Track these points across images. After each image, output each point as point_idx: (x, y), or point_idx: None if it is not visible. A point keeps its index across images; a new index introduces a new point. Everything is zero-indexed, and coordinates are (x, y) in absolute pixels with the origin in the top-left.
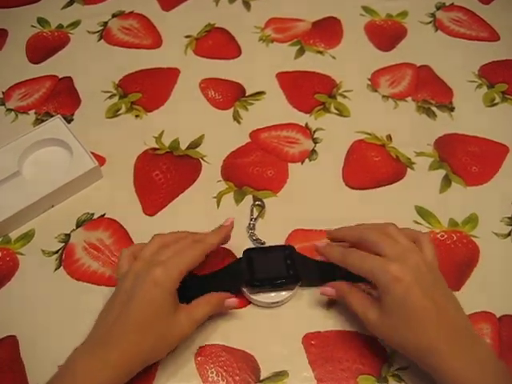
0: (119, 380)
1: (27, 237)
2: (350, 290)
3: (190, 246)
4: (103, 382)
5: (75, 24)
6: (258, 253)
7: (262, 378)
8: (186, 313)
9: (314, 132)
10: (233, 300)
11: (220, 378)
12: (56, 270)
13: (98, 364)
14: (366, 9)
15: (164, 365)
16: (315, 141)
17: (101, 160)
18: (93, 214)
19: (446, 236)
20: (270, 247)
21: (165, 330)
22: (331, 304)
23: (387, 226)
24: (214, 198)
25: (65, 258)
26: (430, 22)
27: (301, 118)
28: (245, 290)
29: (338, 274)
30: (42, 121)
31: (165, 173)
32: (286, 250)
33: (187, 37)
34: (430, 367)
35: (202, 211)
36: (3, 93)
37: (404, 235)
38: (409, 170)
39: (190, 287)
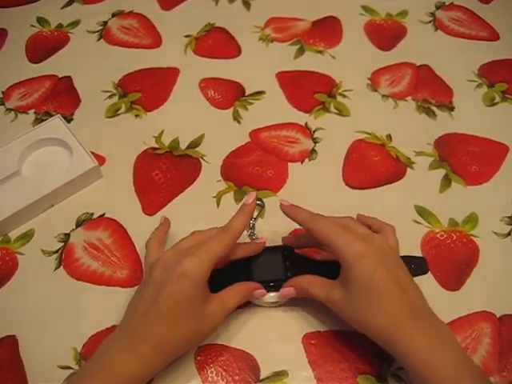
0: (151, 371)
1: (27, 236)
2: (309, 280)
3: (217, 236)
4: (135, 373)
5: (75, 23)
6: (257, 253)
7: (261, 377)
8: (219, 302)
9: (314, 132)
10: (261, 291)
11: (220, 378)
12: (56, 269)
13: (130, 355)
14: (366, 8)
15: None
16: (315, 140)
17: (100, 160)
18: (92, 214)
19: (445, 235)
20: (269, 247)
21: (196, 321)
22: None
23: (342, 219)
24: (214, 197)
25: (64, 257)
26: (430, 22)
27: (301, 118)
28: None
29: (337, 272)
30: (42, 120)
31: (164, 172)
32: (284, 251)
33: (187, 36)
34: (395, 348)
35: (202, 211)
36: (3, 92)
37: (362, 226)
38: (409, 169)
39: None
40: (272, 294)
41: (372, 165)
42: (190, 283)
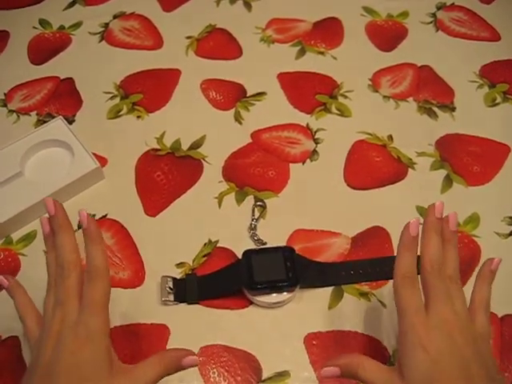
0: None
1: (29, 238)
2: (359, 362)
3: (91, 285)
4: None
5: (77, 25)
6: (258, 254)
7: (263, 378)
8: (127, 377)
9: (315, 132)
10: (193, 358)
11: (222, 379)
12: None
13: None
14: (367, 9)
15: None
16: (316, 141)
17: (102, 161)
18: (94, 215)
19: None
20: (270, 248)
21: None
22: (332, 304)
23: (451, 286)
24: (216, 198)
25: None
26: (431, 22)
27: (302, 119)
28: (246, 290)
29: (339, 276)
30: (44, 122)
31: (166, 173)
32: (285, 252)
33: (188, 37)
34: None
35: (204, 212)
36: (5, 94)
37: (463, 300)
38: (410, 170)
39: (189, 288)
40: (274, 295)
41: (373, 165)
42: (91, 349)
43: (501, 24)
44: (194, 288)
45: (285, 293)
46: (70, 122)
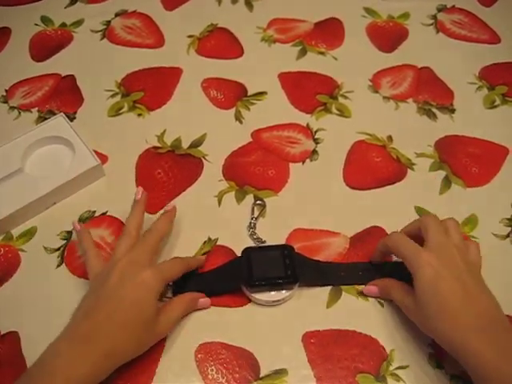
0: (99, 378)
1: (29, 234)
2: (392, 283)
3: (176, 260)
4: (85, 379)
5: (78, 23)
6: (257, 252)
7: (261, 375)
8: (165, 314)
9: (315, 132)
10: (206, 300)
11: (220, 376)
12: (58, 266)
13: (80, 361)
14: (368, 10)
15: (164, 362)
16: (316, 141)
17: (103, 158)
18: (95, 212)
19: None
20: (269, 246)
21: (147, 331)
22: (331, 303)
23: (447, 219)
24: (215, 197)
25: (67, 255)
26: (432, 24)
27: (302, 119)
28: (244, 288)
29: (338, 274)
30: (45, 119)
31: (166, 171)
32: (284, 250)
33: (190, 36)
34: (462, 358)
35: (203, 210)
36: (6, 90)
37: (459, 232)
38: (409, 170)
39: (189, 284)
40: (272, 293)
41: (373, 166)
42: (148, 293)
43: (500, 27)
44: (192, 285)
45: (283, 291)
46: (71, 119)
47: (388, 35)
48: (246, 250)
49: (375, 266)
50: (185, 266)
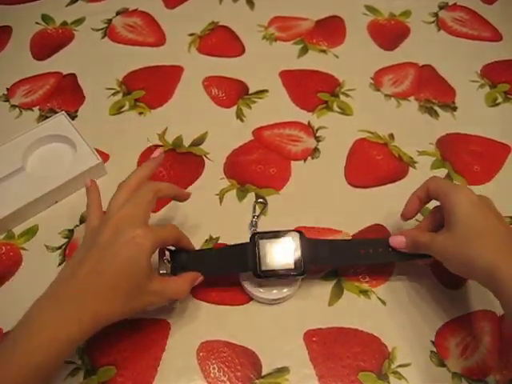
0: (83, 338)
1: (31, 232)
2: (417, 232)
3: (170, 225)
4: (74, 333)
5: (79, 21)
6: (267, 239)
7: (263, 373)
8: (161, 284)
9: (317, 130)
10: (201, 278)
11: (222, 374)
12: (59, 265)
13: (66, 321)
14: (369, 8)
15: (166, 360)
16: (318, 139)
17: (104, 156)
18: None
19: None
20: (279, 232)
21: (136, 294)
22: (332, 301)
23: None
24: (217, 195)
25: (68, 253)
26: (433, 22)
27: (304, 117)
28: (246, 285)
29: (357, 252)
30: (46, 117)
31: (168, 170)
32: (294, 238)
33: (191, 35)
34: (494, 288)
35: (205, 208)
36: (7, 89)
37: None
38: (411, 168)
39: (193, 261)
40: (274, 291)
41: (374, 164)
42: (140, 251)
43: (502, 24)
44: (193, 260)
45: (285, 289)
46: (73, 117)
47: (389, 33)
48: (255, 236)
49: None
50: (179, 233)
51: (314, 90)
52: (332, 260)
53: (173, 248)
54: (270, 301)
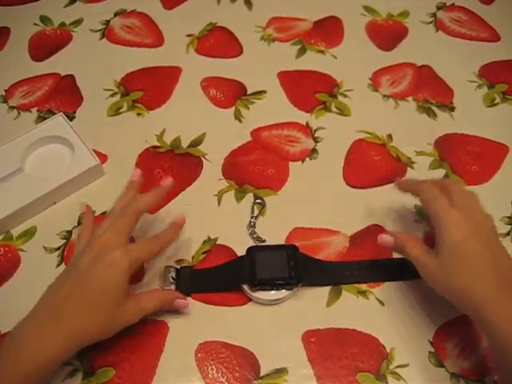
0: (68, 353)
1: (29, 233)
2: (410, 239)
3: (150, 239)
4: (53, 353)
5: (77, 22)
6: (262, 252)
7: (261, 374)
8: (135, 301)
9: (315, 131)
10: (183, 302)
11: (220, 375)
12: (58, 266)
13: (49, 336)
14: (367, 8)
15: (164, 361)
16: (316, 140)
17: (102, 158)
18: (94, 212)
19: None
20: (274, 246)
21: (114, 313)
22: (331, 302)
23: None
24: (215, 196)
25: (66, 254)
26: (431, 22)
27: (302, 117)
28: (245, 287)
29: (342, 273)
30: (44, 118)
31: (166, 171)
32: (289, 250)
33: (189, 35)
34: (479, 316)
35: (203, 209)
36: (5, 90)
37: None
38: (409, 169)
39: (190, 280)
40: (272, 292)
41: (372, 164)
42: (117, 273)
43: (500, 25)
44: (193, 281)
45: (283, 290)
46: (71, 118)
47: (387, 33)
48: (251, 249)
49: (381, 263)
50: (155, 242)
51: (312, 91)
52: (319, 279)
53: (178, 266)
54: (268, 302)
